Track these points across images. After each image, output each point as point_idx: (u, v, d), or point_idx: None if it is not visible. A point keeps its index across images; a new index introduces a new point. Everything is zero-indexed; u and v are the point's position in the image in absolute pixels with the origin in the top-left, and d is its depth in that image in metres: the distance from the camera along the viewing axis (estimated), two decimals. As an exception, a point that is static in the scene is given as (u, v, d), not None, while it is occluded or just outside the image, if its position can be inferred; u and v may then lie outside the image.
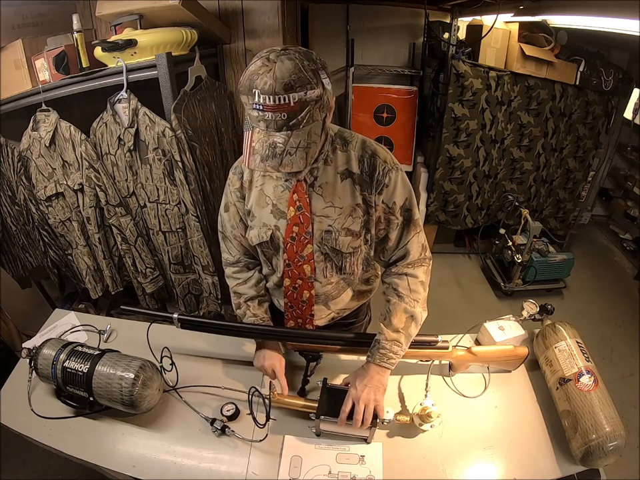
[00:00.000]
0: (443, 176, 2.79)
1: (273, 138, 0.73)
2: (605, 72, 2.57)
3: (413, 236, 0.96)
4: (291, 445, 0.95)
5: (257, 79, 0.69)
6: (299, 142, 0.73)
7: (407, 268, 0.98)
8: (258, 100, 0.70)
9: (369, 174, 0.90)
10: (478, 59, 2.48)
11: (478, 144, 2.68)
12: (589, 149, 2.84)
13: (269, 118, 0.71)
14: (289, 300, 1.07)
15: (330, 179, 0.91)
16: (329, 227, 0.93)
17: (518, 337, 1.11)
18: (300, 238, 0.95)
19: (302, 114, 0.71)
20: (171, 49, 1.50)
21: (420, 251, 0.98)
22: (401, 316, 0.95)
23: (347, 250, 0.95)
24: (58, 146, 1.61)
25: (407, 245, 0.96)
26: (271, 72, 0.69)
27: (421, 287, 0.97)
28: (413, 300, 0.96)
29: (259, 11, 1.78)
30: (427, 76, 2.97)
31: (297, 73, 0.69)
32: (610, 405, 0.91)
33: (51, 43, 1.55)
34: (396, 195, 0.92)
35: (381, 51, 3.09)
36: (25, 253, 1.90)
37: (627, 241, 3.28)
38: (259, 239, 0.99)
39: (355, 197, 0.92)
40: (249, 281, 1.08)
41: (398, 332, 0.94)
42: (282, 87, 0.68)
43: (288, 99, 0.69)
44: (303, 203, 0.92)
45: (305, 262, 0.98)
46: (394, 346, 0.94)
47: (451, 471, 0.92)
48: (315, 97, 0.71)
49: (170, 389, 1.06)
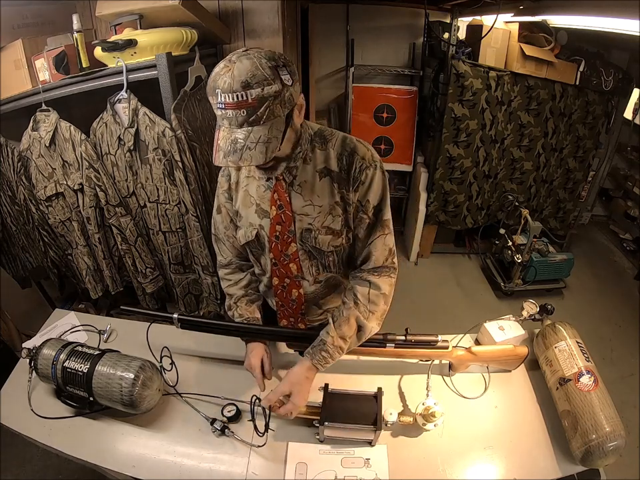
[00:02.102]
0: (443, 176, 2.79)
1: (235, 134, 0.75)
2: (605, 72, 2.57)
3: (379, 236, 0.94)
4: (295, 452, 0.95)
5: (218, 80, 0.72)
6: (259, 137, 0.75)
7: (371, 275, 0.96)
8: (220, 99, 0.73)
9: (347, 171, 0.90)
10: (478, 59, 2.48)
11: (478, 144, 2.67)
12: (589, 149, 2.84)
13: (230, 115, 0.73)
14: (279, 299, 1.08)
15: (309, 178, 0.92)
16: (309, 225, 0.94)
17: (518, 336, 1.11)
18: (283, 237, 0.96)
19: (261, 110, 0.73)
20: (171, 49, 1.50)
21: (386, 255, 0.95)
22: (352, 324, 0.94)
23: (328, 248, 0.95)
24: (58, 146, 1.61)
25: (370, 245, 0.95)
26: (230, 72, 0.71)
27: (382, 299, 0.96)
28: (369, 311, 0.95)
29: (258, 11, 1.78)
30: (427, 76, 2.96)
31: (253, 71, 0.71)
32: (610, 405, 0.91)
33: (50, 43, 1.55)
34: (370, 192, 0.91)
35: (381, 51, 3.09)
36: (25, 253, 1.90)
37: (626, 241, 3.28)
38: (245, 238, 1.01)
39: (333, 195, 0.92)
40: (239, 282, 1.10)
41: (345, 340, 0.94)
42: (239, 85, 0.71)
43: (246, 95, 0.71)
44: (283, 201, 0.93)
45: (291, 260, 0.99)
46: (336, 352, 0.94)
47: (451, 470, 0.92)
48: (273, 92, 0.73)
49: (171, 393, 1.06)
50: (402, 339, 1.02)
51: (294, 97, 0.78)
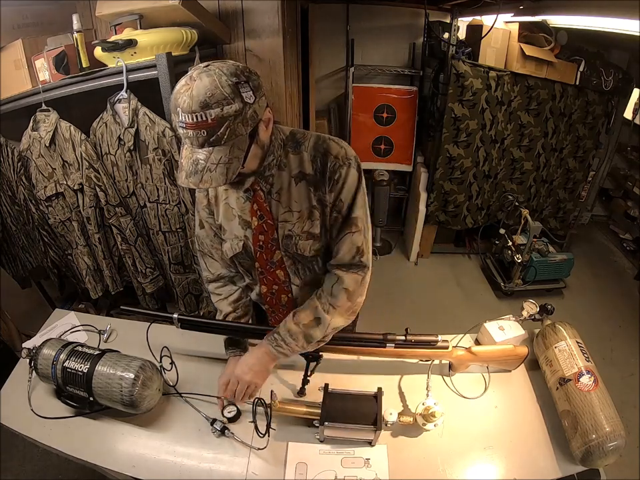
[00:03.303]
0: (443, 176, 2.79)
1: (196, 154, 0.74)
2: (605, 72, 2.57)
3: (346, 234, 0.92)
4: (295, 452, 0.95)
5: (179, 98, 0.71)
6: (219, 158, 0.73)
7: (338, 269, 0.95)
8: (181, 118, 0.71)
9: (322, 172, 0.89)
10: (478, 59, 2.48)
11: (478, 144, 2.67)
12: (589, 149, 2.84)
13: (191, 135, 0.72)
14: (269, 305, 1.09)
15: (285, 184, 0.91)
16: (289, 232, 0.93)
17: (518, 336, 1.11)
18: (267, 245, 0.96)
19: (221, 130, 0.71)
20: (171, 49, 1.50)
21: (353, 253, 0.93)
22: (309, 313, 0.94)
23: (310, 253, 0.95)
24: (58, 146, 1.61)
25: (338, 243, 0.93)
26: (190, 90, 0.69)
27: (344, 294, 0.93)
28: (329, 304, 0.94)
29: (258, 11, 1.77)
30: (426, 76, 2.96)
31: (212, 90, 0.69)
32: (610, 405, 0.91)
33: (50, 43, 1.55)
34: (343, 191, 0.89)
35: (381, 51, 3.09)
36: (25, 253, 1.90)
37: (626, 241, 3.28)
38: (232, 251, 1.00)
39: (310, 199, 0.90)
40: (229, 297, 1.09)
41: (298, 326, 0.93)
42: (198, 105, 0.69)
43: (205, 116, 0.69)
44: (263, 211, 0.92)
45: (277, 267, 0.99)
46: (288, 336, 0.94)
47: (451, 470, 0.92)
48: (233, 112, 0.71)
49: (171, 393, 1.06)
50: (402, 339, 1.02)
51: (258, 113, 0.76)
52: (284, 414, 0.99)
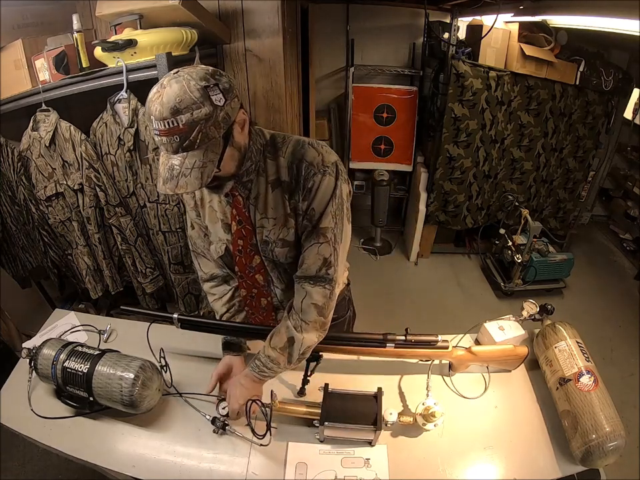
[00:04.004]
0: (443, 176, 2.79)
1: (172, 160, 0.74)
2: (605, 72, 2.57)
3: (313, 244, 0.88)
4: (295, 452, 0.95)
5: (151, 106, 0.71)
6: (193, 162, 0.73)
7: (306, 283, 0.90)
8: (154, 126, 0.72)
9: (297, 179, 0.86)
10: (478, 59, 2.48)
11: (478, 144, 2.67)
12: (589, 149, 2.84)
13: (165, 142, 0.72)
14: (249, 308, 1.10)
15: (262, 190, 0.90)
16: (266, 238, 0.93)
17: (518, 336, 1.11)
18: (246, 250, 0.96)
19: (193, 134, 0.71)
20: (171, 49, 1.50)
21: (319, 265, 0.88)
22: (282, 335, 0.91)
23: (286, 260, 0.94)
24: (58, 146, 1.61)
25: (304, 252, 0.90)
26: (160, 98, 0.70)
27: (314, 309, 0.90)
28: (301, 320, 0.90)
29: (258, 11, 1.77)
30: (426, 76, 2.96)
31: (181, 96, 0.69)
32: (610, 405, 0.91)
33: (50, 43, 1.55)
34: (315, 200, 0.85)
35: (381, 51, 3.09)
36: (25, 253, 1.90)
37: (626, 241, 3.28)
38: (217, 253, 1.01)
39: (285, 207, 0.89)
40: (223, 297, 1.10)
41: (275, 350, 0.92)
42: (169, 111, 0.69)
43: (176, 121, 0.70)
44: (242, 216, 0.92)
45: (256, 272, 1.00)
46: (269, 362, 0.93)
47: (451, 471, 0.92)
48: (204, 115, 0.70)
49: (171, 393, 1.06)
50: (402, 339, 1.02)
51: (230, 115, 0.75)
52: (284, 414, 0.98)
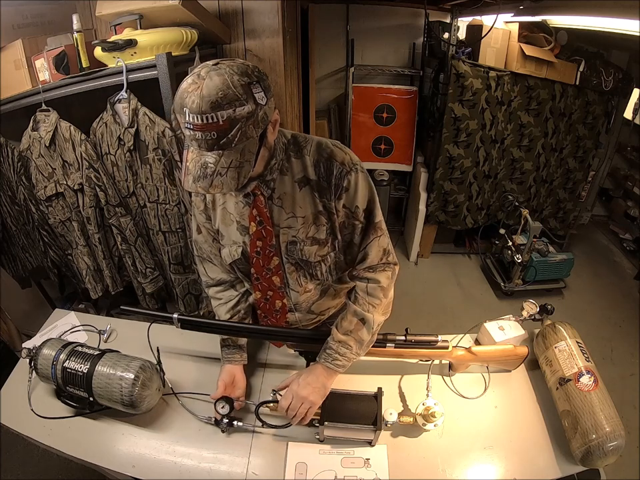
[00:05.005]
0: (443, 176, 2.79)
1: (205, 158, 0.70)
2: (605, 72, 2.57)
3: (373, 239, 0.92)
4: (295, 452, 0.95)
5: (186, 97, 0.66)
6: (230, 161, 0.70)
7: (367, 272, 0.95)
8: (188, 119, 0.67)
9: (326, 179, 0.86)
10: (478, 59, 2.48)
11: (478, 144, 2.67)
12: (589, 149, 2.84)
13: (199, 137, 0.68)
14: (262, 311, 1.08)
15: (288, 189, 0.88)
16: (294, 238, 0.92)
17: (518, 336, 1.11)
18: (265, 251, 0.94)
19: (232, 132, 0.68)
20: (171, 49, 1.50)
21: (380, 255, 0.94)
22: (351, 318, 0.94)
23: (315, 259, 0.94)
24: (58, 146, 1.61)
25: (366, 249, 0.93)
26: (199, 90, 0.65)
27: (380, 292, 0.95)
28: (368, 304, 0.94)
29: (258, 11, 1.77)
30: (426, 76, 2.96)
31: (224, 90, 0.65)
32: (610, 405, 0.91)
33: (50, 43, 1.54)
34: (357, 198, 0.88)
35: (381, 51, 3.09)
36: (25, 253, 1.90)
37: (627, 241, 3.28)
38: (231, 257, 0.98)
39: (315, 205, 0.89)
40: (228, 303, 1.07)
41: (347, 334, 0.93)
42: (209, 106, 0.65)
43: (216, 117, 0.65)
44: (263, 217, 0.89)
45: (273, 274, 0.97)
46: (341, 347, 0.93)
47: (451, 471, 0.92)
48: (246, 113, 0.67)
49: (171, 394, 1.06)
50: (402, 339, 1.02)
51: (268, 115, 0.73)
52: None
